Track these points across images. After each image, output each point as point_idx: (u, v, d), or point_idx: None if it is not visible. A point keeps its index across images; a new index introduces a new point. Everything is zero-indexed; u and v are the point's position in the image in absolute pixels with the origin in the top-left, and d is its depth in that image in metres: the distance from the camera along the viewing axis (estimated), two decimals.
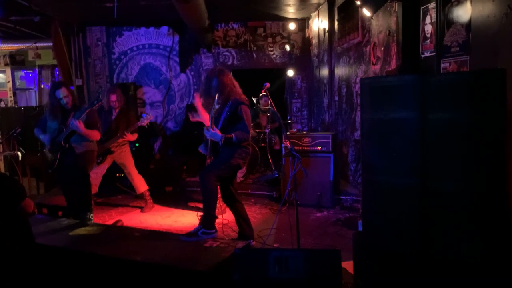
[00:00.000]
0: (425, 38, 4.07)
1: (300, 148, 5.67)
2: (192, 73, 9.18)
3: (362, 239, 2.91)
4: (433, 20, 3.91)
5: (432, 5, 3.89)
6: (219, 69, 4.10)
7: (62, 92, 4.47)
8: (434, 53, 3.91)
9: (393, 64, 4.63)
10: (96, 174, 5.37)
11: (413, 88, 2.52)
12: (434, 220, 2.47)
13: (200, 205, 4.16)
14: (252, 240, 4.02)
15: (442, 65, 3.78)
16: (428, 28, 4.01)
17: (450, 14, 3.64)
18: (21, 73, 11.85)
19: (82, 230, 3.94)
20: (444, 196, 2.44)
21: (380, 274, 2.63)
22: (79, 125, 4.35)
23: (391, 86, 2.63)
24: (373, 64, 5.30)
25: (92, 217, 4.60)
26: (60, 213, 4.77)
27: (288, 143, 4.98)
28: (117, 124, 5.59)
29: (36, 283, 2.86)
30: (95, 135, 4.63)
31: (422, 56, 4.16)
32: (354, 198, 5.64)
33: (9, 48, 10.18)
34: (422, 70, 4.13)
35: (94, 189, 5.32)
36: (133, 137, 5.57)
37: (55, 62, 9.93)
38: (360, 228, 3.96)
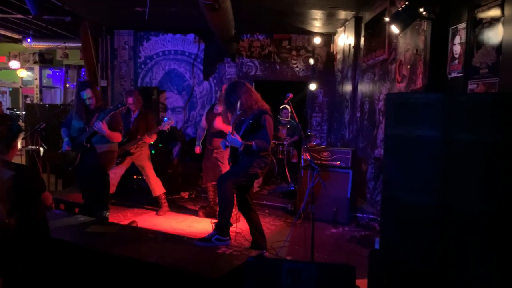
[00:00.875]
0: (453, 58, 4.02)
1: (319, 162, 5.63)
2: (215, 81, 9.26)
3: (378, 257, 2.85)
4: (462, 41, 3.86)
5: (462, 25, 3.85)
6: (238, 81, 4.17)
7: (87, 94, 4.54)
8: (461, 74, 3.86)
9: (419, 83, 4.59)
10: (115, 174, 5.43)
11: (440, 107, 2.48)
12: (454, 242, 2.41)
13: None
14: (265, 251, 3.99)
15: (470, 86, 3.72)
16: (457, 49, 3.96)
17: (481, 35, 3.59)
18: (48, 72, 12.16)
19: (97, 228, 3.96)
20: (465, 217, 2.38)
21: None
22: (103, 126, 4.41)
23: (417, 103, 2.59)
24: (398, 82, 5.25)
25: (108, 216, 4.64)
26: (76, 209, 4.80)
27: (307, 155, 4.96)
28: (137, 127, 5.65)
29: (49, 276, 2.88)
30: (118, 137, 4.68)
31: (449, 76, 4.10)
32: (370, 216, 5.56)
33: (39, 46, 10.46)
34: (448, 90, 4.08)
35: (112, 189, 5.37)
36: (152, 139, 5.63)
37: (81, 62, 10.17)
38: (377, 246, 3.89)
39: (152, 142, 5.74)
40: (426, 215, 2.50)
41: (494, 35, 3.41)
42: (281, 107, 8.13)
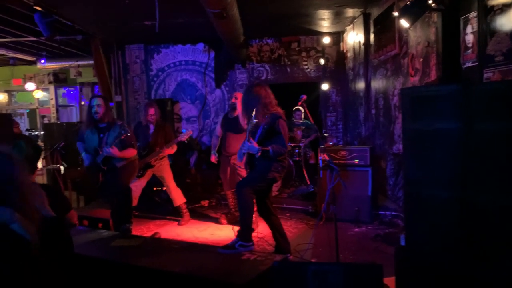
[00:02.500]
0: (466, 48, 3.96)
1: (337, 161, 5.59)
2: (227, 88, 9.30)
3: (405, 253, 2.82)
4: (474, 30, 3.81)
5: (473, 14, 3.79)
6: (257, 83, 4.16)
7: (98, 100, 4.58)
8: (476, 63, 3.80)
9: (433, 76, 4.53)
10: (136, 187, 5.49)
11: (457, 98, 2.45)
12: (478, 236, 2.37)
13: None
14: (289, 254, 3.98)
15: (485, 75, 3.66)
16: (469, 38, 3.91)
17: (493, 23, 3.54)
18: (63, 91, 12.36)
19: (121, 242, 4.00)
20: (489, 210, 2.34)
21: None
22: (113, 151, 4.47)
23: (433, 96, 2.56)
24: (411, 76, 5.20)
25: (131, 228, 4.68)
26: (100, 225, 4.86)
27: (325, 155, 4.93)
28: (156, 139, 5.71)
29: None
30: (131, 152, 4.72)
31: (463, 66, 4.04)
32: (393, 213, 5.49)
33: (53, 66, 10.65)
34: (463, 81, 4.02)
35: (134, 202, 5.43)
36: (172, 150, 5.69)
37: (95, 79, 10.31)
38: (403, 243, 3.84)
39: (173, 152, 5.81)
40: (450, 209, 2.46)
41: (507, 22, 3.35)
42: (294, 109, 8.11)
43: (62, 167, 5.94)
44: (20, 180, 2.08)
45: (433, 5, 4.01)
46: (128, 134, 4.56)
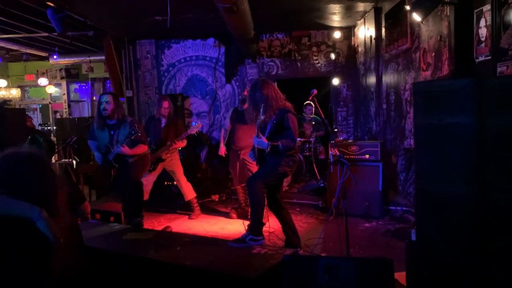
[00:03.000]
0: (479, 42, 3.92)
1: (347, 156, 5.58)
2: (237, 83, 9.31)
3: (415, 249, 2.81)
4: (488, 23, 3.76)
5: (487, 7, 3.74)
6: (262, 79, 4.16)
7: (107, 97, 4.59)
8: (489, 57, 3.75)
9: (445, 70, 4.49)
10: (147, 182, 5.53)
11: (470, 92, 2.43)
12: (492, 232, 2.35)
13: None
14: (299, 249, 3.99)
15: (499, 69, 3.62)
16: (483, 32, 3.86)
17: (507, 15, 3.49)
18: (75, 86, 12.48)
19: (133, 235, 4.04)
20: (502, 206, 2.32)
21: (434, 286, 2.53)
22: (124, 149, 4.50)
23: (446, 91, 2.54)
24: (423, 70, 5.16)
25: (142, 222, 4.73)
26: (112, 218, 4.92)
27: (336, 150, 4.93)
28: (167, 133, 5.74)
29: (87, 283, 2.95)
30: (142, 148, 4.75)
31: (477, 60, 4.00)
32: (404, 208, 5.47)
33: (65, 62, 10.76)
34: (476, 75, 3.98)
35: (145, 196, 5.47)
36: (183, 143, 5.72)
37: (106, 75, 10.40)
38: (414, 238, 3.83)
39: (183, 146, 5.85)
40: (462, 205, 2.45)
41: None
42: (304, 103, 8.09)
43: (74, 162, 6.00)
44: (49, 177, 2.13)
45: None
46: (139, 134, 4.55)
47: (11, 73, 12.02)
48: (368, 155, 5.56)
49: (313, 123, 8.06)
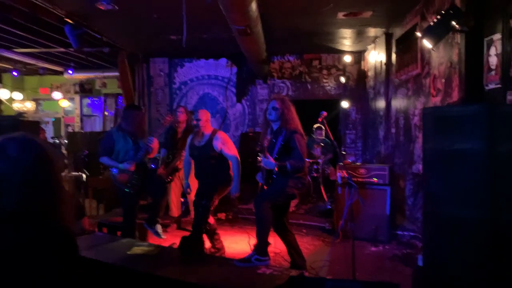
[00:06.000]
0: (490, 69, 3.95)
1: (355, 179, 5.56)
2: (248, 103, 9.40)
3: (423, 274, 2.79)
4: (498, 52, 3.79)
5: (497, 36, 3.79)
6: (282, 97, 4.22)
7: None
8: (499, 85, 3.78)
9: (455, 96, 4.51)
10: (175, 195, 5.61)
11: (480, 119, 2.45)
12: (504, 258, 2.34)
13: (253, 233, 4.18)
14: (304, 271, 3.96)
15: (509, 97, 3.63)
16: (493, 60, 3.90)
17: None
18: (87, 101, 12.67)
19: (138, 250, 4.05)
20: None
21: None
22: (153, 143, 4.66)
23: (456, 116, 2.57)
24: (433, 96, 5.19)
25: (161, 232, 4.83)
26: (118, 232, 4.94)
27: (344, 172, 4.93)
28: (183, 144, 5.78)
29: None
30: (156, 145, 4.86)
31: (486, 88, 4.02)
32: (411, 234, 5.42)
33: (80, 77, 10.96)
34: (486, 102, 3.99)
35: (178, 212, 5.56)
36: None
37: (119, 91, 10.56)
38: (420, 263, 3.80)
39: None
40: (472, 229, 2.44)
41: None
42: (314, 126, 8.12)
43: (84, 175, 6.06)
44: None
45: (457, 26, 4.02)
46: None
47: (26, 86, 12.25)
48: (376, 179, 5.54)
49: (322, 145, 8.08)
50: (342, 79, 9.10)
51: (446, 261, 2.56)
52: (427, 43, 4.42)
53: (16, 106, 11.60)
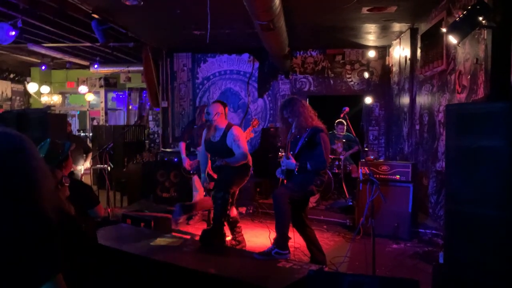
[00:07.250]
0: None
1: (377, 176, 5.53)
2: (269, 98, 9.41)
3: (443, 271, 2.78)
4: None
5: None
6: (293, 97, 4.23)
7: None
8: None
9: (481, 93, 4.43)
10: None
11: (504, 116, 2.42)
12: None
13: (273, 227, 4.21)
14: (324, 266, 3.97)
15: None
16: None
17: None
18: (112, 95, 12.92)
19: (161, 241, 4.15)
20: None
21: None
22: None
23: (480, 113, 2.55)
24: (458, 92, 5.10)
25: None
26: (142, 224, 5.06)
27: (366, 168, 4.90)
28: None
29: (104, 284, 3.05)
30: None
31: None
32: (434, 232, 5.35)
33: (105, 71, 11.19)
34: None
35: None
36: None
37: (143, 85, 10.73)
38: (441, 260, 3.77)
39: None
40: (494, 228, 2.42)
41: None
42: (336, 121, 8.09)
43: (109, 168, 6.21)
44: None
45: (483, 22, 3.94)
46: None
47: (53, 80, 12.57)
48: (399, 176, 5.49)
49: (344, 140, 8.04)
50: (366, 75, 9.00)
51: (465, 259, 2.55)
52: (452, 39, 4.34)
53: (44, 99, 11.92)
